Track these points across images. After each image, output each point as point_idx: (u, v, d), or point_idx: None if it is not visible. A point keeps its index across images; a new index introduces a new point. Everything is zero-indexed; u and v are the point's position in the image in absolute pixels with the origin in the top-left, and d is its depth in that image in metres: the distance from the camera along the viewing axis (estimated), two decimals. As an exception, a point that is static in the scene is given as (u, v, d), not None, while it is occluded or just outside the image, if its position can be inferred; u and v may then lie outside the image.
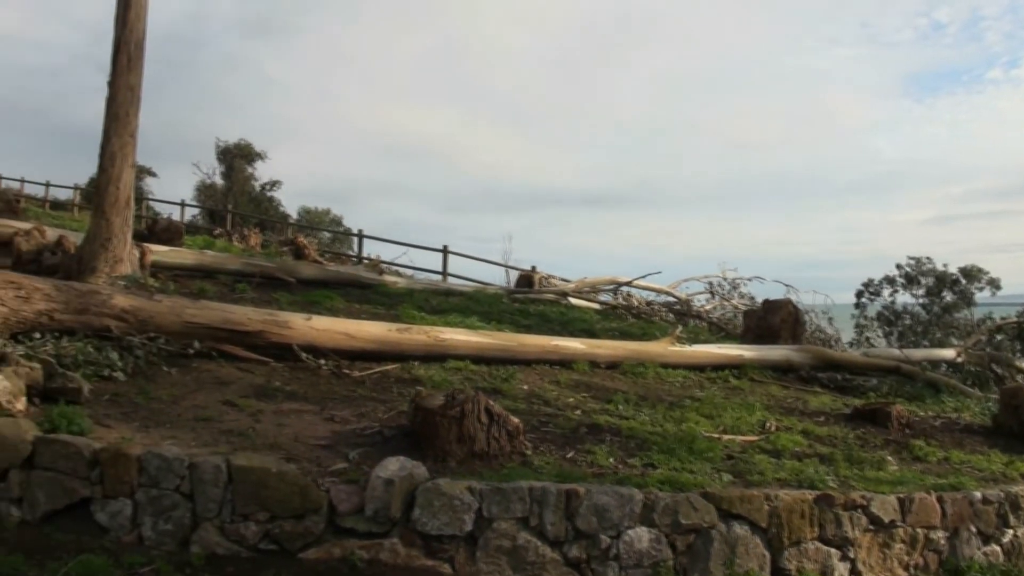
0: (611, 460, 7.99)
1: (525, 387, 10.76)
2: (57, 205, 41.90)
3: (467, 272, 27.86)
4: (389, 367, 10.87)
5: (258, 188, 52.26)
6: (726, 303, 25.14)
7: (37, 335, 9.74)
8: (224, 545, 6.47)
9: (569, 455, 8.06)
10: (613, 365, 12.80)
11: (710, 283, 25.79)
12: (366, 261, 27.14)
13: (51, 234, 15.75)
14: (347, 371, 10.50)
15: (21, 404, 7.87)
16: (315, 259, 23.48)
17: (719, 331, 20.45)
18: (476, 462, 7.55)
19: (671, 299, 24.45)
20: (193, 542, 6.50)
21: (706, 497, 7.05)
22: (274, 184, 52.47)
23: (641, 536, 6.78)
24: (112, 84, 13.76)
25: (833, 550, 7.41)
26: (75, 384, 8.46)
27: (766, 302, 17.20)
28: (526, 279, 23.60)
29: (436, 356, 11.45)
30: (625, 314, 20.91)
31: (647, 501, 6.86)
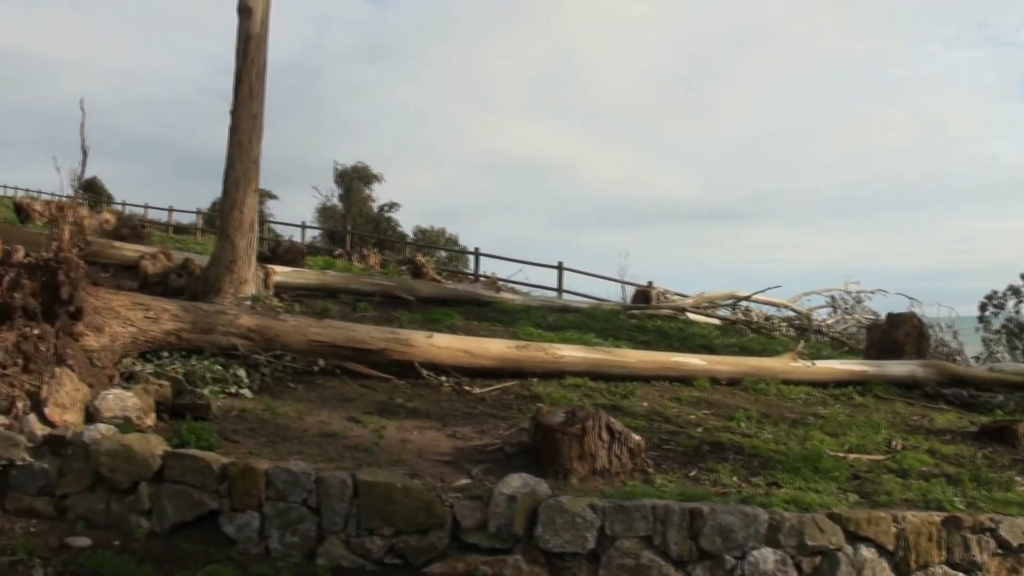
0: (734, 479, 7.90)
1: (645, 404, 10.70)
2: (180, 229, 43.07)
3: (582, 288, 27.70)
4: (508, 384, 10.93)
5: (375, 209, 53.14)
6: (847, 317, 24.62)
7: (165, 354, 10.08)
8: (349, 558, 6.57)
9: (692, 473, 8.01)
10: (734, 382, 12.63)
11: (831, 296, 25.23)
12: (483, 279, 27.29)
13: (177, 257, 16.22)
14: (467, 388, 10.60)
15: (151, 420, 8.15)
16: (433, 277, 23.71)
17: (841, 346, 20.06)
18: (597, 480, 7.55)
19: (791, 313, 24.03)
20: (319, 555, 6.61)
21: (832, 518, 6.86)
22: (391, 205, 53.37)
23: (767, 557, 6.62)
24: (235, 113, 14.13)
25: (960, 575, 7.17)
26: (203, 401, 8.71)
27: (889, 316, 16.77)
28: (643, 295, 23.43)
29: (554, 373, 11.47)
30: (745, 329, 20.62)
31: (772, 521, 6.71)
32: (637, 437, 8.07)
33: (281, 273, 16.27)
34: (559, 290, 26.99)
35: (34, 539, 6.69)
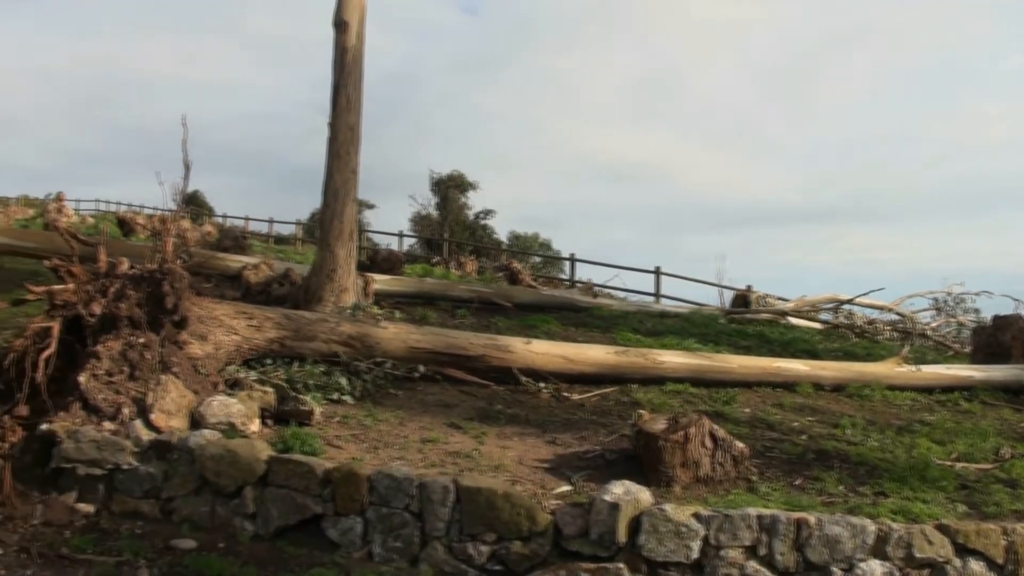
0: (841, 488, 7.70)
1: (747, 410, 10.53)
2: (280, 240, 43.82)
3: (679, 293, 27.51)
4: (608, 390, 10.85)
5: (471, 217, 53.42)
6: (951, 320, 24.03)
7: (268, 361, 10.22)
8: (451, 564, 6.56)
9: (796, 482, 7.84)
10: (838, 387, 12.37)
11: (934, 299, 24.69)
12: (579, 285, 27.22)
13: (278, 267, 16.44)
14: (566, 394, 10.55)
15: (255, 426, 8.26)
16: (529, 284, 23.73)
17: (945, 350, 19.55)
18: (701, 487, 7.45)
19: (894, 317, 23.53)
20: (421, 560, 6.63)
21: (941, 530, 6.61)
22: (487, 212, 53.58)
23: (874, 570, 6.40)
24: (333, 124, 14.31)
25: (1073, 590, 6.85)
26: (306, 407, 8.79)
27: (995, 318, 16.23)
28: (742, 299, 23.18)
29: (654, 379, 11.35)
30: (847, 333, 20.24)
31: (880, 533, 6.50)
32: (741, 444, 7.94)
33: (380, 281, 16.40)
34: (656, 295, 26.82)
35: (140, 540, 6.84)
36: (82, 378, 7.98)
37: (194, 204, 52.77)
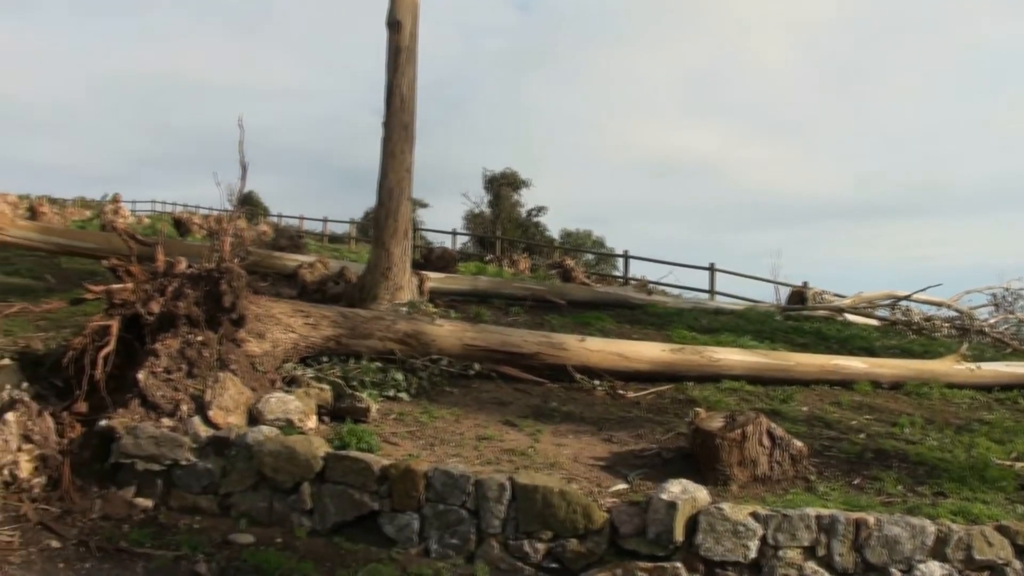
0: (899, 488, 7.59)
1: (804, 409, 10.42)
2: (335, 239, 44.02)
3: (733, 289, 27.31)
4: (663, 388, 10.78)
5: (523, 214, 53.39)
6: (1010, 316, 23.58)
7: (325, 359, 10.29)
8: (507, 561, 6.56)
9: (855, 481, 7.73)
10: (896, 385, 12.19)
11: (992, 295, 24.21)
12: (633, 282, 27.10)
13: (333, 265, 16.55)
14: (621, 392, 10.50)
15: (312, 422, 8.32)
16: (583, 281, 23.67)
17: (1003, 347, 19.19)
18: (758, 487, 7.38)
19: (952, 313, 23.11)
20: (477, 557, 6.64)
21: (1001, 531, 6.47)
22: (539, 210, 53.53)
23: (933, 572, 6.27)
24: (387, 124, 14.37)
25: None
26: (363, 404, 8.83)
27: (1055, 315, 15.98)
28: (798, 295, 22.92)
29: (710, 376, 11.26)
30: (905, 330, 19.91)
31: (940, 534, 6.37)
32: (799, 443, 7.85)
33: (434, 279, 16.44)
34: (711, 292, 26.65)
35: (198, 535, 6.94)
36: (141, 375, 8.08)
37: (249, 204, 53.09)
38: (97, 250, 15.95)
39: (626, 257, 31.16)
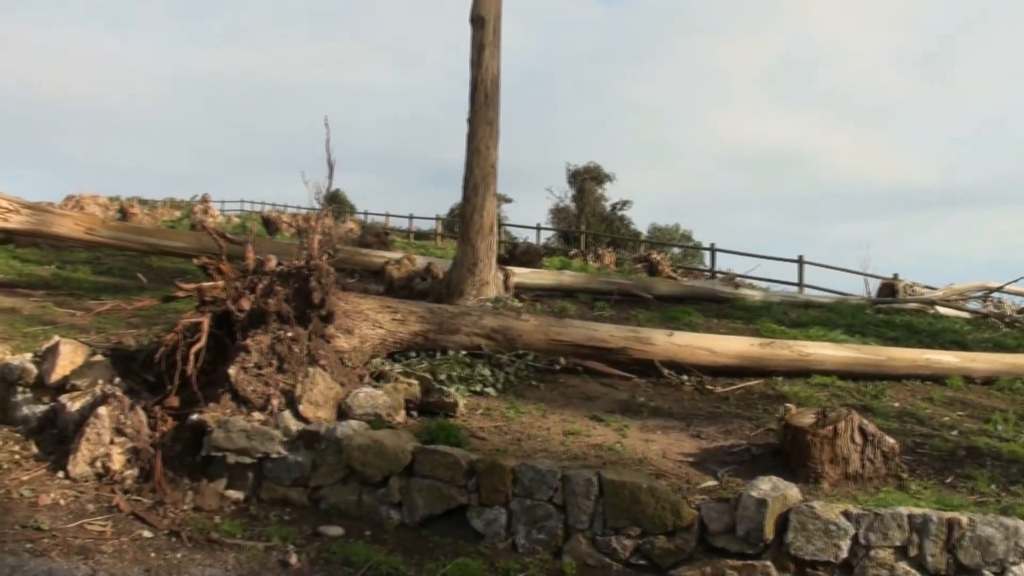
0: (993, 487, 7.37)
1: (896, 404, 10.20)
2: (421, 235, 44.41)
3: (822, 282, 26.93)
4: (752, 383, 10.64)
5: (608, 208, 53.28)
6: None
7: (412, 354, 10.37)
8: (595, 557, 6.54)
9: (947, 480, 7.54)
10: (988, 380, 11.84)
11: (1090, 285, 23.49)
12: (720, 275, 26.88)
13: (420, 261, 16.69)
14: (710, 387, 10.38)
15: (400, 417, 8.39)
16: (669, 275, 23.56)
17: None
18: (850, 485, 7.24)
19: (1047, 304, 22.51)
20: (565, 552, 6.62)
21: (1094, 532, 6.29)
22: (624, 203, 53.40)
23: (1027, 574, 6.14)
24: (471, 121, 14.44)
25: None
26: (450, 399, 8.87)
27: None
28: (888, 288, 22.54)
29: (799, 371, 11.08)
30: (997, 323, 19.44)
31: (1034, 535, 6.22)
32: (891, 440, 7.69)
33: (519, 274, 16.48)
34: (799, 285, 26.31)
35: (288, 527, 7.03)
36: (232, 370, 8.20)
37: (336, 202, 53.76)
38: (187, 249, 16.29)
39: (713, 250, 30.88)
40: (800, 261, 26.82)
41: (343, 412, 8.13)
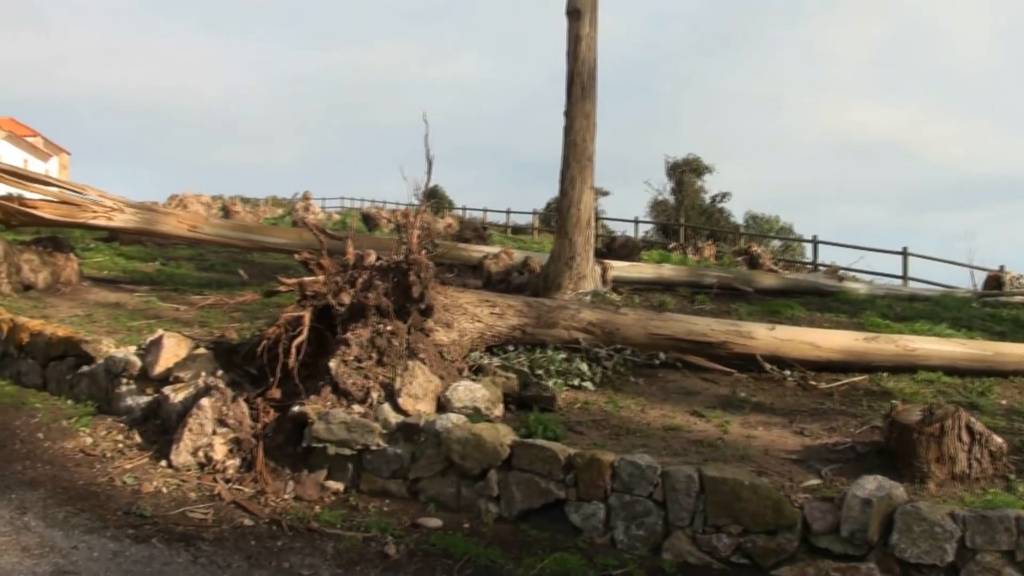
0: (1102, 490, 7.12)
1: (1003, 402, 9.87)
2: (518, 230, 44.39)
3: (927, 275, 26.38)
4: (856, 378, 10.42)
5: (707, 201, 52.75)
6: None
7: (510, 348, 10.39)
8: (695, 555, 6.46)
9: (1057, 481, 7.29)
10: (1101, 376, 11.44)
11: None
12: (822, 268, 26.44)
13: (517, 255, 16.70)
14: (813, 382, 10.20)
15: (498, 410, 8.41)
16: (770, 268, 23.27)
17: None
18: (956, 485, 7.04)
19: None
20: (664, 549, 6.56)
21: None
22: (723, 195, 52.79)
23: None
24: (568, 114, 14.39)
25: None
26: (548, 393, 8.88)
27: None
28: (994, 280, 21.94)
29: (905, 367, 10.80)
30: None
31: None
32: (999, 439, 7.45)
33: (617, 268, 16.40)
34: (904, 278, 25.81)
35: (387, 518, 7.10)
36: (332, 363, 8.31)
37: (435, 198, 54.17)
38: (288, 245, 16.54)
39: (815, 242, 30.39)
40: (904, 253, 26.29)
41: (442, 405, 8.18)
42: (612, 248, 20.85)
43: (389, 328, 8.71)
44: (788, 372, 10.46)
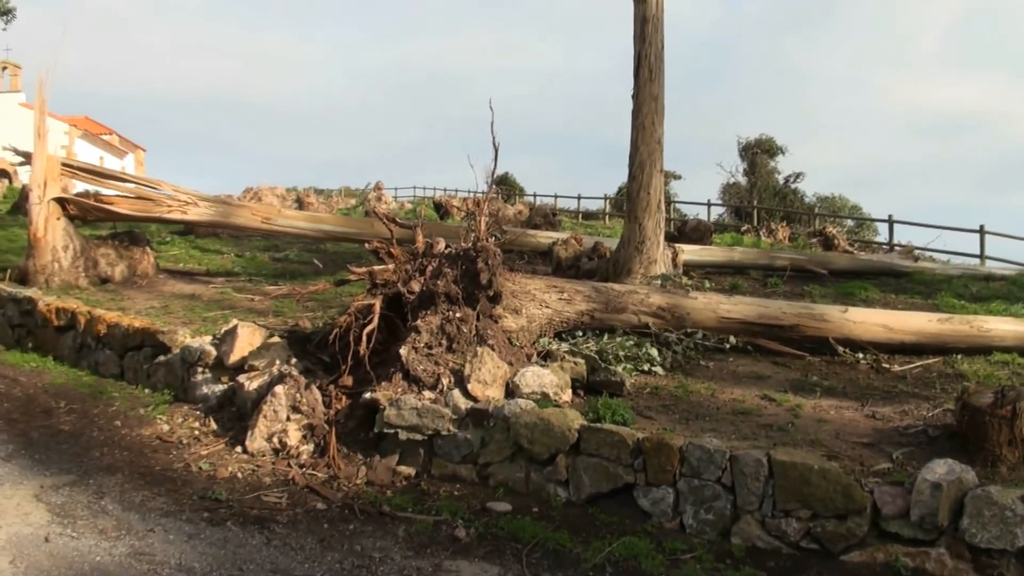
0: None
1: (1081, 384, 9.70)
2: (588, 215, 44.28)
3: (1006, 254, 25.75)
4: (930, 361, 10.29)
5: (780, 182, 52.19)
6: None
7: (579, 333, 10.40)
8: (765, 540, 6.45)
9: None
10: None
11: None
12: (897, 248, 26.03)
13: (587, 241, 16.70)
14: (886, 365, 10.08)
15: (567, 396, 8.44)
16: (845, 249, 23.00)
17: None
18: (1031, 468, 6.93)
19: None
20: (733, 533, 6.56)
21: None
22: (796, 176, 52.17)
23: None
24: (636, 97, 14.34)
25: None
26: (617, 378, 8.88)
27: None
28: (1076, 259, 21.43)
29: (980, 348, 10.63)
30: None
31: None
32: (1078, 422, 7.31)
33: (688, 251, 16.34)
34: (981, 257, 25.28)
35: (457, 502, 7.21)
36: (403, 351, 8.42)
37: (505, 185, 54.30)
38: (360, 235, 16.71)
39: (890, 222, 29.86)
40: (982, 231, 25.77)
41: (511, 391, 8.23)
42: (683, 232, 20.76)
43: (458, 315, 8.79)
44: (861, 355, 10.34)
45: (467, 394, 8.02)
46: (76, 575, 5.72)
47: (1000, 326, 10.91)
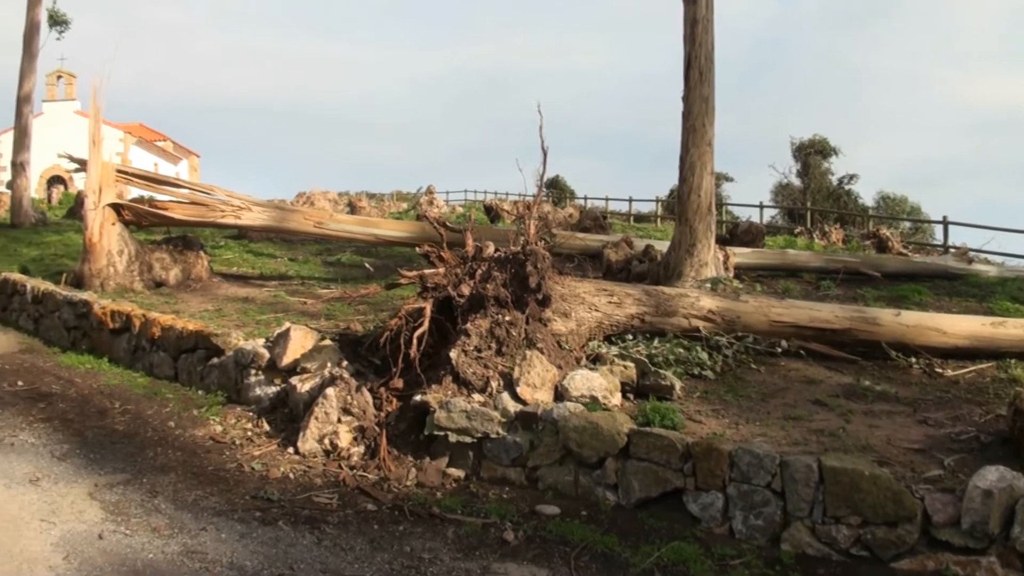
0: None
1: None
2: (640, 218, 44.15)
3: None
4: (984, 365, 10.14)
5: (834, 183, 51.75)
6: None
7: (629, 337, 10.39)
8: (815, 546, 6.42)
9: None
10: None
11: None
12: (952, 250, 25.69)
13: (638, 244, 16.68)
14: (939, 370, 9.96)
15: (616, 399, 8.44)
16: (899, 251, 22.75)
17: None
18: (1083, 475, 6.83)
19: None
20: (783, 540, 6.52)
21: None
22: (851, 177, 51.74)
23: None
24: (686, 98, 14.29)
25: None
26: (667, 382, 8.86)
27: None
28: None
29: (1035, 353, 10.47)
30: None
31: None
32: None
33: (740, 254, 16.27)
34: (1037, 259, 24.87)
35: (506, 505, 7.24)
36: (453, 353, 8.47)
37: (556, 188, 54.33)
38: (411, 239, 16.85)
39: (945, 223, 29.45)
40: (1037, 232, 25.34)
41: (560, 394, 8.26)
42: (735, 234, 20.66)
43: (507, 318, 8.82)
44: (913, 359, 10.22)
45: (516, 397, 8.06)
46: (129, 572, 5.83)
47: (1055, 330, 10.71)
